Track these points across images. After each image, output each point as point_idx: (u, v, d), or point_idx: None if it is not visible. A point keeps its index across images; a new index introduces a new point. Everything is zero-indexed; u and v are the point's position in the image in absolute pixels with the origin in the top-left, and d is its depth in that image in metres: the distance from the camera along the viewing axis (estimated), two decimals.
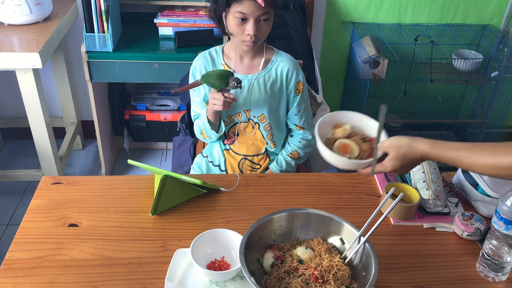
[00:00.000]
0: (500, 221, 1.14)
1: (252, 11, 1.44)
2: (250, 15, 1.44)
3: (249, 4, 1.43)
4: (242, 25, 1.47)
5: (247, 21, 1.46)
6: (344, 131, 1.24)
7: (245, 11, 1.44)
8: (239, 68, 1.61)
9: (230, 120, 1.65)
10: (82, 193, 1.38)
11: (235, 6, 1.44)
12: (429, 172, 1.38)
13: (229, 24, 1.50)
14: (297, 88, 1.64)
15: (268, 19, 1.48)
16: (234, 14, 1.46)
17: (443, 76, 2.65)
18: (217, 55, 1.63)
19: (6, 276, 1.11)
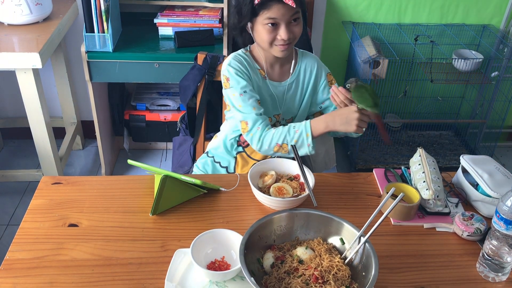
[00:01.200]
0: (500, 221, 1.14)
1: (282, 14, 1.40)
2: (281, 19, 1.41)
3: (278, 8, 1.39)
4: (274, 31, 1.43)
5: (278, 26, 1.42)
6: (272, 177, 1.40)
7: (275, 15, 1.40)
8: (271, 76, 1.58)
9: None
10: (82, 193, 1.38)
11: (263, 13, 1.40)
12: (429, 172, 1.38)
13: (259, 33, 1.46)
14: (329, 80, 1.63)
15: (298, 19, 1.45)
16: (263, 22, 1.42)
17: (443, 76, 2.65)
18: (250, 59, 1.56)
19: (6, 276, 1.11)
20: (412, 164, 1.47)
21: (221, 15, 2.47)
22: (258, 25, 1.44)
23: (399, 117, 3.03)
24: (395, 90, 2.81)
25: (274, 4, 1.39)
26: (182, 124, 2.00)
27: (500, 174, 1.38)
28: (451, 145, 3.05)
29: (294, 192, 1.36)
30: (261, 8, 1.40)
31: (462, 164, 1.45)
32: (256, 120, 1.49)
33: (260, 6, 1.40)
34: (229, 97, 1.53)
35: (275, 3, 1.38)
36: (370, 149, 2.96)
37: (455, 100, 3.03)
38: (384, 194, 1.36)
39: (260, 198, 1.34)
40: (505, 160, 3.12)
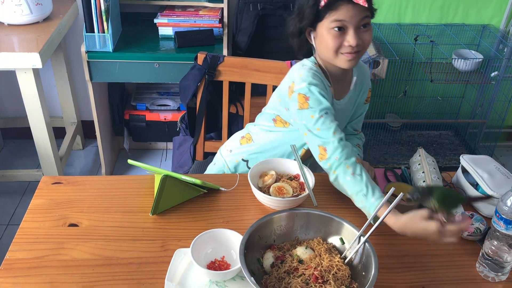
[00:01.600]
0: (500, 221, 1.14)
1: (351, 16, 1.25)
2: (349, 21, 1.26)
3: (348, 9, 1.24)
4: (340, 36, 1.27)
5: (345, 30, 1.27)
6: (272, 177, 1.39)
7: (343, 17, 1.25)
8: (337, 93, 1.43)
9: None
10: (82, 193, 1.38)
11: (330, 15, 1.25)
12: (429, 172, 1.38)
13: (322, 39, 1.30)
14: (368, 97, 1.54)
15: (368, 25, 1.30)
16: (329, 25, 1.26)
17: (443, 76, 2.65)
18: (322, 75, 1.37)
19: (6, 276, 1.11)
20: (412, 164, 1.47)
21: (221, 15, 2.47)
22: (322, 30, 1.29)
23: (399, 117, 3.03)
24: (395, 90, 2.81)
25: (343, 4, 1.24)
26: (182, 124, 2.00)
27: (500, 174, 1.38)
28: (451, 145, 3.06)
29: (294, 192, 1.37)
30: (327, 10, 1.25)
31: (462, 164, 1.45)
32: (336, 148, 1.27)
33: (327, 8, 1.25)
34: (304, 118, 1.32)
35: (345, 3, 1.24)
36: (370, 149, 2.96)
37: (455, 100, 3.03)
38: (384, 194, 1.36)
39: (260, 198, 1.34)
40: (505, 160, 3.13)
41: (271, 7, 2.41)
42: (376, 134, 2.98)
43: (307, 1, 1.28)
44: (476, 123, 3.03)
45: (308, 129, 1.32)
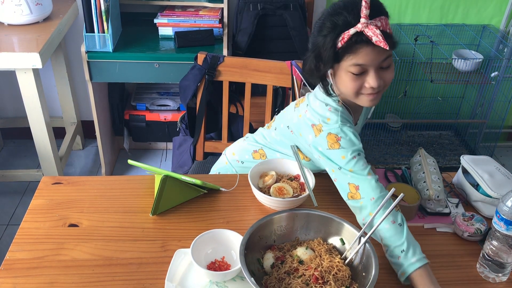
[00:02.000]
0: (500, 221, 1.13)
1: (372, 59, 1.16)
2: (369, 64, 1.17)
3: (367, 52, 1.15)
4: (360, 78, 1.19)
5: (366, 72, 1.19)
6: (272, 177, 1.39)
7: (363, 61, 1.16)
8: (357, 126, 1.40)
9: None
10: (82, 193, 1.38)
11: (348, 58, 1.16)
12: (429, 173, 1.38)
13: (342, 81, 1.21)
14: None
15: (389, 66, 1.21)
16: (347, 69, 1.18)
17: (443, 76, 2.65)
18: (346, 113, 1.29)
19: (6, 276, 1.11)
20: (412, 164, 1.47)
21: (221, 15, 2.47)
22: (341, 71, 1.21)
23: (399, 117, 3.03)
24: (395, 90, 2.81)
25: (362, 47, 1.14)
26: (182, 124, 2.00)
27: (500, 174, 1.38)
28: (451, 145, 3.06)
29: (294, 192, 1.36)
30: (345, 52, 1.16)
31: (463, 165, 1.45)
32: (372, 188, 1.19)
33: (345, 50, 1.16)
34: (332, 159, 1.24)
35: (364, 46, 1.14)
36: (370, 149, 2.96)
37: (455, 100, 3.03)
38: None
39: (260, 198, 1.34)
40: (505, 160, 3.13)
41: (271, 7, 2.41)
42: (376, 134, 2.98)
43: (323, 42, 1.18)
44: (476, 123, 3.03)
45: (339, 167, 1.23)
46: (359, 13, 1.13)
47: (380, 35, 1.12)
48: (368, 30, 1.13)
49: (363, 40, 1.14)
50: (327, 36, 1.17)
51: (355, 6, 1.15)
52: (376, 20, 1.15)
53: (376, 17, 1.15)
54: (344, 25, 1.15)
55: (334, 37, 1.16)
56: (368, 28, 1.13)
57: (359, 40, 1.14)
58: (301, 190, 1.38)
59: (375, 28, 1.13)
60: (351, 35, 1.13)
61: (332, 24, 1.17)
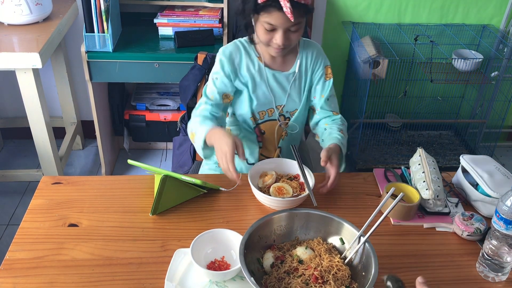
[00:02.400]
0: (500, 221, 1.14)
1: (281, 22, 1.36)
2: (279, 26, 1.37)
3: (278, 16, 1.34)
4: (270, 33, 1.40)
5: (275, 31, 1.39)
6: (272, 177, 1.40)
7: (274, 22, 1.36)
8: (272, 63, 1.55)
9: (260, 116, 1.60)
10: (82, 193, 1.38)
11: (264, 15, 1.37)
12: (429, 172, 1.38)
13: (257, 30, 1.43)
14: (326, 73, 1.60)
15: (298, 29, 1.42)
16: (262, 23, 1.39)
17: (443, 76, 2.64)
18: (249, 46, 1.54)
19: (6, 276, 1.11)
20: (412, 164, 1.47)
21: (221, 15, 2.47)
22: (258, 23, 1.42)
23: (399, 117, 3.03)
24: (395, 90, 2.81)
25: (275, 11, 1.34)
26: (182, 124, 2.00)
27: (500, 174, 1.38)
28: (451, 145, 3.06)
29: (294, 192, 1.37)
30: (261, 10, 1.36)
31: (462, 164, 1.45)
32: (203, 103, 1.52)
33: (262, 8, 1.36)
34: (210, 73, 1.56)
35: (276, 10, 1.33)
36: (370, 149, 2.96)
37: (455, 100, 3.03)
38: (384, 194, 1.36)
39: (260, 198, 1.34)
40: (505, 160, 3.13)
41: None
42: (376, 134, 2.98)
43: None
44: (476, 123, 3.03)
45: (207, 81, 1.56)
46: None
47: (289, 7, 1.30)
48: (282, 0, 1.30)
49: (276, 6, 1.32)
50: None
51: None
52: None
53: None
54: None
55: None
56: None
57: (274, 5, 1.32)
58: (301, 190, 1.39)
59: None
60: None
61: None
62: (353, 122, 2.84)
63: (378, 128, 2.96)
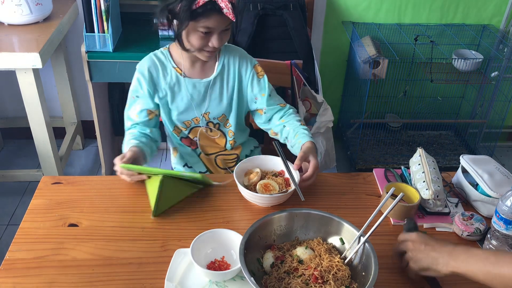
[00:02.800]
0: (500, 221, 1.14)
1: (219, 24, 1.39)
2: (216, 28, 1.39)
3: (217, 19, 1.36)
4: (206, 38, 1.41)
5: (211, 34, 1.41)
6: (257, 174, 1.41)
7: (212, 25, 1.38)
8: (191, 73, 1.55)
9: (186, 125, 1.62)
10: (82, 193, 1.38)
11: (201, 21, 1.36)
12: (429, 172, 1.38)
13: (190, 38, 1.42)
14: (257, 72, 1.59)
15: (229, 28, 1.44)
16: (198, 29, 1.38)
17: (443, 76, 2.65)
18: (166, 58, 1.55)
19: (6, 276, 1.11)
20: (412, 164, 1.47)
21: None
22: (191, 30, 1.40)
23: (399, 117, 3.03)
24: (395, 90, 2.81)
25: (214, 14, 1.35)
26: None
27: (500, 174, 1.38)
28: (451, 145, 3.06)
29: (281, 188, 1.38)
30: (199, 15, 1.35)
31: (462, 164, 1.45)
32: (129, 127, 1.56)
33: (199, 14, 1.35)
34: None
35: (215, 13, 1.35)
36: (370, 149, 2.96)
37: (455, 100, 3.03)
38: (384, 194, 1.36)
39: (246, 195, 1.34)
40: (505, 160, 3.13)
41: (271, 7, 2.41)
42: (376, 134, 2.98)
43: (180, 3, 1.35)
44: (476, 123, 3.03)
45: None
46: None
47: (230, 8, 1.33)
48: (221, 1, 1.33)
49: (215, 8, 1.33)
50: None
51: None
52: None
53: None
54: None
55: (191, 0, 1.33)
56: None
57: (212, 8, 1.33)
58: (287, 186, 1.40)
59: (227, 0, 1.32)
60: (206, 2, 1.32)
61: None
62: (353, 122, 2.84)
63: (378, 128, 2.96)
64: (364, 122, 2.72)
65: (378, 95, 2.84)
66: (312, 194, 1.41)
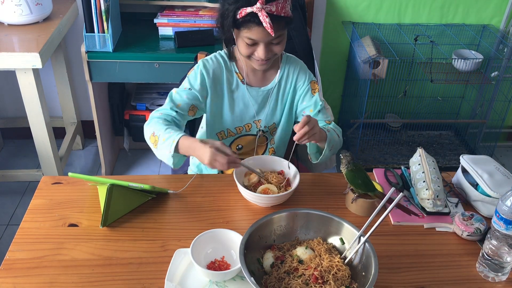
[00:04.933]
0: (500, 221, 1.14)
1: (262, 37, 1.34)
2: (261, 40, 1.36)
3: (259, 31, 1.33)
4: (252, 47, 1.38)
5: (257, 45, 1.38)
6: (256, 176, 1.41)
7: (255, 37, 1.35)
8: (252, 80, 1.54)
9: (237, 131, 1.59)
10: (82, 193, 1.38)
11: (244, 31, 1.35)
12: (429, 172, 1.38)
13: (238, 44, 1.41)
14: (313, 88, 1.56)
15: (280, 41, 1.39)
16: (242, 38, 1.37)
17: (443, 76, 2.65)
18: (231, 63, 1.52)
19: (6, 276, 1.11)
20: (412, 164, 1.47)
21: None
22: (238, 37, 1.39)
23: (399, 117, 3.03)
24: (395, 90, 2.81)
25: (255, 26, 1.32)
26: None
27: (500, 174, 1.38)
28: (451, 145, 3.06)
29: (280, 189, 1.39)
30: (241, 25, 1.34)
31: (462, 164, 1.45)
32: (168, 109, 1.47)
33: (241, 24, 1.33)
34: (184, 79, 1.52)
35: (256, 25, 1.31)
36: (370, 149, 2.96)
37: (455, 100, 3.03)
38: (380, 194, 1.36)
39: (247, 196, 1.35)
40: (505, 160, 3.13)
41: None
42: (376, 134, 2.98)
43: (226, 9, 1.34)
44: (476, 123, 3.03)
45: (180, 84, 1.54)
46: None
47: (269, 23, 1.29)
48: (261, 15, 1.28)
49: (256, 21, 1.30)
50: (229, 6, 1.33)
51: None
52: (272, 5, 1.30)
53: (273, 1, 1.30)
54: (245, 1, 1.30)
55: (235, 9, 1.32)
56: (261, 12, 1.28)
57: (253, 20, 1.30)
58: (286, 186, 1.40)
59: (267, 13, 1.28)
60: (247, 13, 1.30)
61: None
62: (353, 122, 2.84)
63: (378, 128, 2.96)
64: (364, 122, 2.72)
65: (378, 95, 2.84)
66: (312, 194, 1.41)
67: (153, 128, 1.43)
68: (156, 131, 1.41)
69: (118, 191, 1.26)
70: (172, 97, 1.49)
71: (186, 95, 1.48)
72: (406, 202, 1.39)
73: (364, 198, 1.33)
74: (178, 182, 1.43)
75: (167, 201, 1.36)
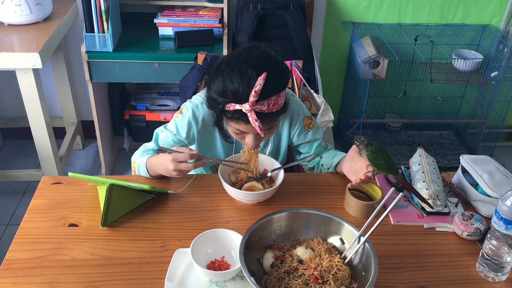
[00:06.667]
0: (500, 221, 1.14)
1: (252, 130, 1.28)
2: (249, 131, 1.30)
3: (248, 126, 1.26)
4: (241, 134, 1.32)
5: (245, 134, 1.32)
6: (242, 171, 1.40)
7: (243, 130, 1.29)
8: None
9: None
10: (82, 193, 1.38)
11: (232, 122, 1.28)
12: (429, 172, 1.38)
13: (228, 128, 1.35)
14: (306, 125, 1.52)
15: (271, 130, 1.34)
16: (232, 126, 1.30)
17: (443, 76, 2.65)
18: None
19: (6, 276, 1.11)
20: (411, 164, 1.47)
21: (221, 15, 2.47)
22: (227, 122, 1.33)
23: (399, 117, 3.03)
24: (395, 90, 2.81)
25: (243, 123, 1.25)
26: None
27: (500, 174, 1.38)
28: (451, 145, 3.06)
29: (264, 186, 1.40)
30: (230, 118, 1.27)
31: (462, 164, 1.45)
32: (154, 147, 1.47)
33: (230, 117, 1.26)
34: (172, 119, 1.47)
35: (244, 123, 1.24)
36: None
37: (455, 100, 3.03)
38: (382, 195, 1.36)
39: (231, 193, 1.35)
40: (505, 160, 3.13)
41: (271, 7, 2.41)
42: (376, 134, 2.98)
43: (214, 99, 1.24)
44: (476, 123, 3.03)
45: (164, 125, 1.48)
46: (250, 91, 1.18)
47: (258, 126, 1.20)
48: (250, 115, 1.20)
49: (244, 119, 1.22)
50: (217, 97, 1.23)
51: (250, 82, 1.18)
52: (263, 104, 1.21)
53: (265, 99, 1.20)
54: (233, 96, 1.20)
55: (223, 102, 1.22)
56: (251, 114, 1.20)
57: (241, 118, 1.23)
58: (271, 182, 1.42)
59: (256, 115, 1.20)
60: (236, 110, 1.21)
61: (224, 88, 1.21)
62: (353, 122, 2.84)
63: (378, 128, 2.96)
64: (364, 122, 2.72)
65: (378, 95, 2.84)
66: (312, 194, 1.41)
67: (134, 158, 1.48)
68: (134, 158, 1.47)
69: (118, 191, 1.26)
70: (158, 137, 1.47)
71: (171, 137, 1.46)
72: (406, 202, 1.39)
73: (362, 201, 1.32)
74: (178, 182, 1.43)
75: (167, 201, 1.36)
